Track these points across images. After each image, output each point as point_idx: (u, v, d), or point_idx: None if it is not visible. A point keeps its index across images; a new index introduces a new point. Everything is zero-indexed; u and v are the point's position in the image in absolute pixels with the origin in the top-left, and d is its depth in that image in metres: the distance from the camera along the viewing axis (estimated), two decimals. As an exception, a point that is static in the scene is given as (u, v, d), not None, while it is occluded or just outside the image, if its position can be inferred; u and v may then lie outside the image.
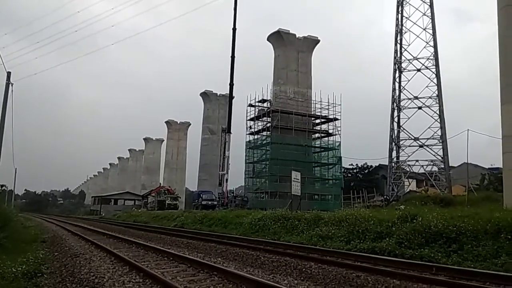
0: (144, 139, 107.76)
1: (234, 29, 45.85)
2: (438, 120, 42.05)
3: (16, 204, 70.81)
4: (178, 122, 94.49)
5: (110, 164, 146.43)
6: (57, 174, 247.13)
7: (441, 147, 41.93)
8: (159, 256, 11.54)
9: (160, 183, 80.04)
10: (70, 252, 12.71)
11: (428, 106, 42.70)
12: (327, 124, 50.24)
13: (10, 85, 20.61)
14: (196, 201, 46.99)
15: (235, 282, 7.38)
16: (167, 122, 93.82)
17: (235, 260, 10.87)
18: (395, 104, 44.60)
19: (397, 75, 44.88)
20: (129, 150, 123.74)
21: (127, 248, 13.99)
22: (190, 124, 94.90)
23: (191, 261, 9.80)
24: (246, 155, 49.22)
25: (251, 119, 49.04)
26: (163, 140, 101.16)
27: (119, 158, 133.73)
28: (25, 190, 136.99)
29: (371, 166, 62.91)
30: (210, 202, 42.72)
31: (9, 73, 20.94)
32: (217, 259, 11.12)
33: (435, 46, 43.45)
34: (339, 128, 48.85)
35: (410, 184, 45.43)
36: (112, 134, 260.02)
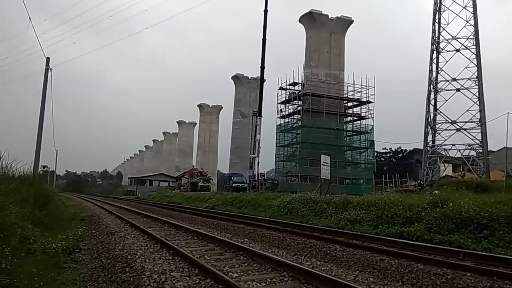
0: (178, 122, 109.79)
1: (265, 11, 45.32)
2: (477, 103, 40.39)
3: (58, 184, 74.43)
4: (210, 106, 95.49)
5: (145, 146, 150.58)
6: (95, 156, 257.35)
7: (479, 130, 40.35)
8: (189, 235, 11.96)
9: (193, 165, 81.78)
10: (106, 230, 13.37)
11: (466, 88, 41.06)
12: (359, 107, 49.31)
13: (49, 70, 21.50)
14: (227, 183, 47.72)
15: (259, 262, 7.59)
16: (199, 106, 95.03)
17: (262, 241, 11.12)
18: (431, 86, 43.13)
19: (434, 55, 43.27)
20: (163, 133, 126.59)
21: (160, 227, 14.55)
22: (221, 108, 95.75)
23: (219, 241, 10.11)
24: (277, 139, 49.28)
25: (282, 102, 48.87)
26: (196, 123, 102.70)
27: (154, 140, 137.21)
28: (66, 171, 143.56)
29: (406, 150, 61.59)
30: (240, 185, 43.27)
31: (48, 59, 21.83)
32: (244, 239, 11.41)
33: (475, 25, 41.42)
34: (372, 111, 47.88)
35: (446, 169, 44.16)
36: (147, 117, 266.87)
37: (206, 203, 28.70)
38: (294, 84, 47.91)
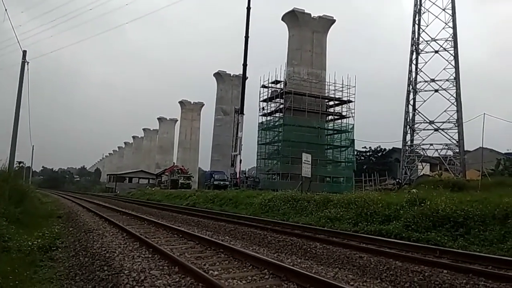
0: (158, 118, 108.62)
1: (248, 9, 45.31)
2: (455, 104, 41.30)
3: (34, 181, 72.73)
4: (192, 102, 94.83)
5: (125, 143, 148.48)
6: (73, 152, 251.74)
7: (456, 131, 41.29)
8: (169, 233, 11.85)
9: (174, 163, 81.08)
10: (84, 227, 13.13)
11: (444, 89, 41.91)
12: (340, 106, 49.82)
13: (26, 63, 20.93)
14: (209, 181, 47.55)
15: (240, 260, 7.58)
16: (180, 102, 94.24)
17: (243, 239, 11.11)
18: (411, 87, 43.86)
19: (414, 56, 43.99)
20: (144, 129, 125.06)
21: (139, 225, 14.37)
22: (203, 105, 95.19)
23: (200, 239, 10.06)
24: (258, 136, 49.35)
25: (264, 100, 48.92)
26: (177, 120, 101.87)
27: (133, 137, 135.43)
28: (43, 167, 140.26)
29: (385, 149, 62.52)
30: (222, 182, 43.17)
31: (24, 52, 21.24)
32: (225, 237, 11.38)
33: (454, 27, 42.31)
34: (352, 111, 48.45)
35: (423, 168, 45.07)
36: (127, 113, 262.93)
37: (186, 201, 28.53)
38: (277, 82, 48.04)
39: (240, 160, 42.55)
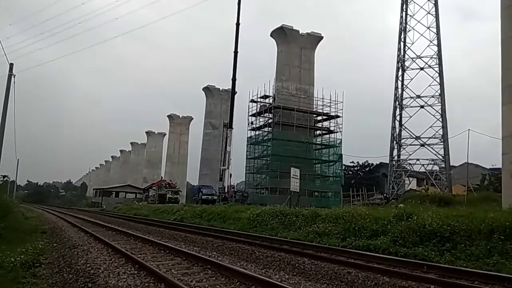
0: (146, 132, 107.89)
1: (237, 24, 45.84)
2: (440, 119, 42.05)
3: (18, 195, 71.27)
4: (180, 116, 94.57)
5: (112, 157, 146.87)
6: (59, 166, 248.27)
7: (442, 146, 41.96)
8: (156, 249, 11.68)
9: (162, 177, 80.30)
10: (68, 243, 12.88)
11: (430, 105, 42.73)
12: (328, 121, 50.24)
13: (13, 76, 20.74)
14: (197, 195, 47.17)
15: (227, 276, 7.50)
16: (169, 116, 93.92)
17: (231, 255, 11.00)
18: (397, 103, 44.59)
19: (400, 73, 44.85)
20: (131, 143, 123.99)
21: (125, 240, 14.15)
22: (192, 119, 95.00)
23: (187, 255, 9.93)
24: (247, 151, 49.34)
25: (253, 115, 49.10)
26: (165, 134, 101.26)
27: (121, 151, 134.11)
28: (28, 181, 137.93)
29: (372, 164, 63.03)
30: (210, 197, 42.87)
31: (11, 65, 21.06)
32: (212, 253, 11.26)
33: (438, 45, 43.36)
34: (340, 126, 48.87)
35: (410, 182, 45.50)
36: (114, 127, 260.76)
37: (174, 216, 28.19)
38: (265, 97, 48.32)
39: (230, 174, 42.46)
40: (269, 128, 48.23)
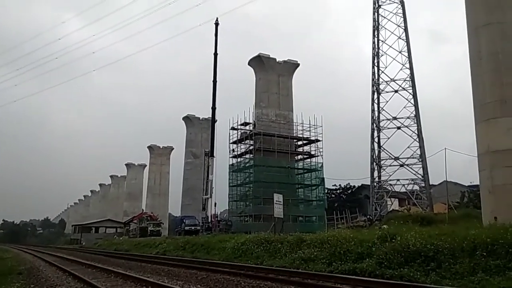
0: (126, 164, 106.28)
1: (215, 54, 46.61)
2: (417, 140, 42.94)
3: (-7, 235, 68.50)
4: (161, 147, 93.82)
5: (91, 191, 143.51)
6: (36, 203, 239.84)
7: (421, 166, 42.67)
8: (137, 285, 11.32)
9: (143, 209, 78.72)
10: (46, 283, 12.38)
11: (406, 126, 43.65)
12: (309, 145, 50.65)
13: (-14, 113, 20.28)
14: (179, 226, 46.28)
15: (213, 309, 7.29)
16: (149, 147, 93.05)
17: (215, 287, 10.73)
18: (374, 125, 45.45)
19: (375, 96, 45.92)
20: (111, 176, 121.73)
21: (106, 277, 13.67)
22: (173, 149, 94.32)
23: (170, 289, 9.63)
24: (229, 178, 48.99)
25: (234, 142, 49.11)
26: (146, 166, 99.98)
27: (100, 184, 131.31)
28: (3, 220, 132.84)
29: (354, 186, 63.37)
30: (193, 227, 42.10)
31: (-15, 102, 20.64)
32: (196, 286, 10.96)
33: (411, 68, 44.79)
34: (321, 149, 49.25)
35: (392, 203, 45.84)
36: (93, 161, 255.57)
37: (156, 249, 27.51)
38: (246, 124, 48.56)
39: (215, 203, 42.12)
40: (251, 155, 48.25)
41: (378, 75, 46.20)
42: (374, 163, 44.81)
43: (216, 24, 47.79)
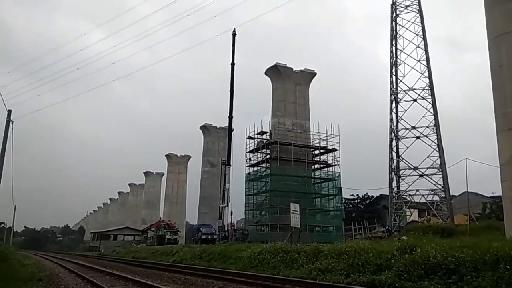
0: (144, 173, 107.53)
1: (232, 64, 47.04)
2: (437, 149, 42.20)
3: (15, 242, 69.98)
4: (178, 156, 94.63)
5: (110, 199, 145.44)
6: (57, 211, 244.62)
7: (441, 176, 41.84)
8: (155, 293, 11.37)
9: (160, 217, 79.19)
10: (65, 290, 12.53)
11: (426, 136, 42.97)
12: (326, 155, 50.31)
13: (11, 122, 20.92)
14: (196, 235, 46.39)
15: (229, 319, 7.27)
16: (167, 156, 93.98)
17: (232, 296, 10.72)
18: (393, 134, 44.91)
19: (393, 105, 45.45)
20: (129, 184, 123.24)
21: (123, 285, 13.80)
22: (190, 157, 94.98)
23: (187, 298, 9.66)
24: (246, 187, 48.96)
25: (251, 151, 49.17)
26: (163, 174, 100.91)
27: (119, 192, 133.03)
28: (25, 227, 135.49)
29: (372, 196, 62.53)
30: (209, 236, 42.16)
31: (9, 111, 21.31)
32: (213, 295, 10.96)
33: (430, 77, 44.22)
34: (338, 159, 48.80)
35: (412, 214, 45.02)
36: (112, 169, 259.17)
37: (173, 257, 27.64)
38: (262, 133, 48.63)
39: (231, 212, 42.15)
40: (267, 164, 48.20)
41: (397, 84, 45.78)
42: (393, 173, 44.18)
43: (234, 34, 48.29)
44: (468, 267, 10.07)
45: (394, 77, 46.01)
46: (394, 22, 47.04)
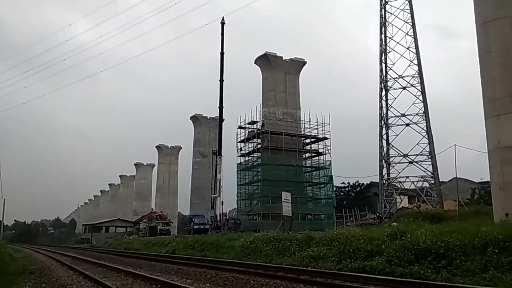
0: (135, 164, 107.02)
1: (222, 54, 46.68)
2: (426, 137, 42.54)
3: (5, 236, 69.44)
4: (169, 147, 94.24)
5: (101, 191, 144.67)
6: (47, 203, 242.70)
7: (430, 163, 42.26)
8: (147, 284, 11.38)
9: (152, 209, 79.14)
10: (57, 283, 12.50)
11: (415, 123, 43.23)
12: (317, 143, 50.50)
13: (-3, 115, 20.53)
14: (188, 225, 46.47)
15: (222, 308, 7.30)
16: (157, 147, 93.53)
17: (225, 285, 10.76)
18: (383, 122, 45.12)
19: (383, 93, 45.56)
20: (120, 176, 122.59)
21: (116, 276, 13.77)
22: (181, 148, 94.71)
23: (180, 288, 9.68)
24: (237, 177, 49.05)
25: (242, 141, 49.14)
26: (154, 165, 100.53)
27: (110, 184, 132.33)
28: (15, 220, 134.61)
29: (363, 184, 63.02)
30: (202, 226, 42.25)
31: (-5, 104, 20.88)
32: (205, 285, 10.99)
33: (419, 65, 44.35)
34: (329, 147, 49.09)
35: (402, 200, 45.55)
36: (103, 161, 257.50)
37: (166, 248, 27.65)
38: (253, 122, 48.54)
39: (222, 202, 42.12)
40: (258, 154, 48.24)
41: (386, 72, 45.84)
42: (383, 161, 44.48)
43: (222, 23, 47.80)
44: (457, 251, 10.22)
45: (383, 65, 46.04)
46: (383, 10, 46.89)
